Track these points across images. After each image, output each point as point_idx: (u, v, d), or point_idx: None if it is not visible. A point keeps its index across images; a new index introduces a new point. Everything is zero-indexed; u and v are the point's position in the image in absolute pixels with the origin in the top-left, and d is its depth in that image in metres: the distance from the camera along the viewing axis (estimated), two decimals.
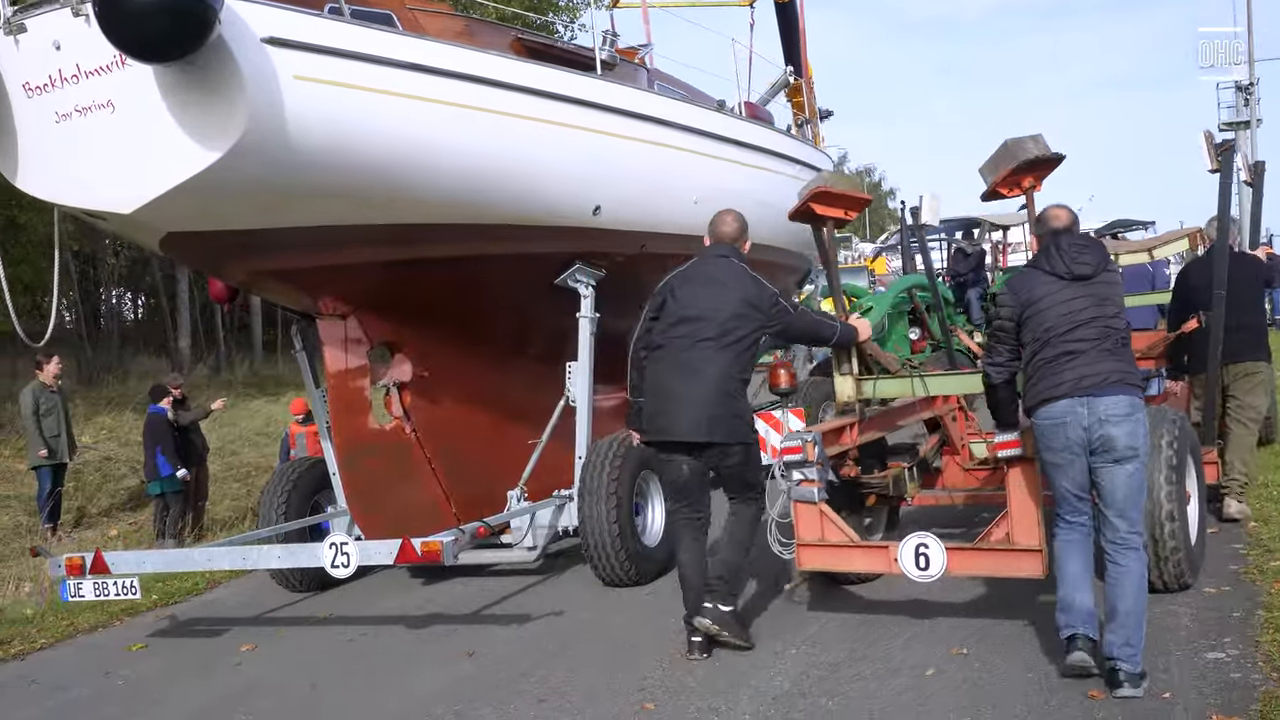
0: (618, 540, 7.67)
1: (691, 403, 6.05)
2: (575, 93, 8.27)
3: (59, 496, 12.19)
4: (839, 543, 6.28)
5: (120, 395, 19.00)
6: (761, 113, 11.92)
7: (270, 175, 6.66)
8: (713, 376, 6.04)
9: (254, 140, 6.33)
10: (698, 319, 6.13)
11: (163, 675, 7.00)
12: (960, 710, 5.01)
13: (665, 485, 6.94)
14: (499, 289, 8.50)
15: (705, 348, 6.08)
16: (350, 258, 7.67)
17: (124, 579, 7.15)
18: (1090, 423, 5.02)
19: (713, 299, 6.16)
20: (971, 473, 8.03)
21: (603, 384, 9.57)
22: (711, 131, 9.90)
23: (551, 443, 8.63)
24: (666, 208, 9.27)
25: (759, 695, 5.45)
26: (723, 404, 6.06)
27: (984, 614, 6.42)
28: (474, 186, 7.63)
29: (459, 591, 8.29)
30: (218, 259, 7.94)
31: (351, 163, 6.91)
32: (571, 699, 5.71)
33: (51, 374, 12.24)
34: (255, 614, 8.29)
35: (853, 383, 6.91)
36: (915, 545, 5.83)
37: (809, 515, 6.27)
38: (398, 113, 7.03)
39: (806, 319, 6.64)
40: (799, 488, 6.19)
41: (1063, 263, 5.23)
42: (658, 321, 6.32)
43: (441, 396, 8.68)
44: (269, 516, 8.84)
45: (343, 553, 6.64)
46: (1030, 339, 5.28)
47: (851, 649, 6.02)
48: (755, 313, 6.17)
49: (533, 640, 6.84)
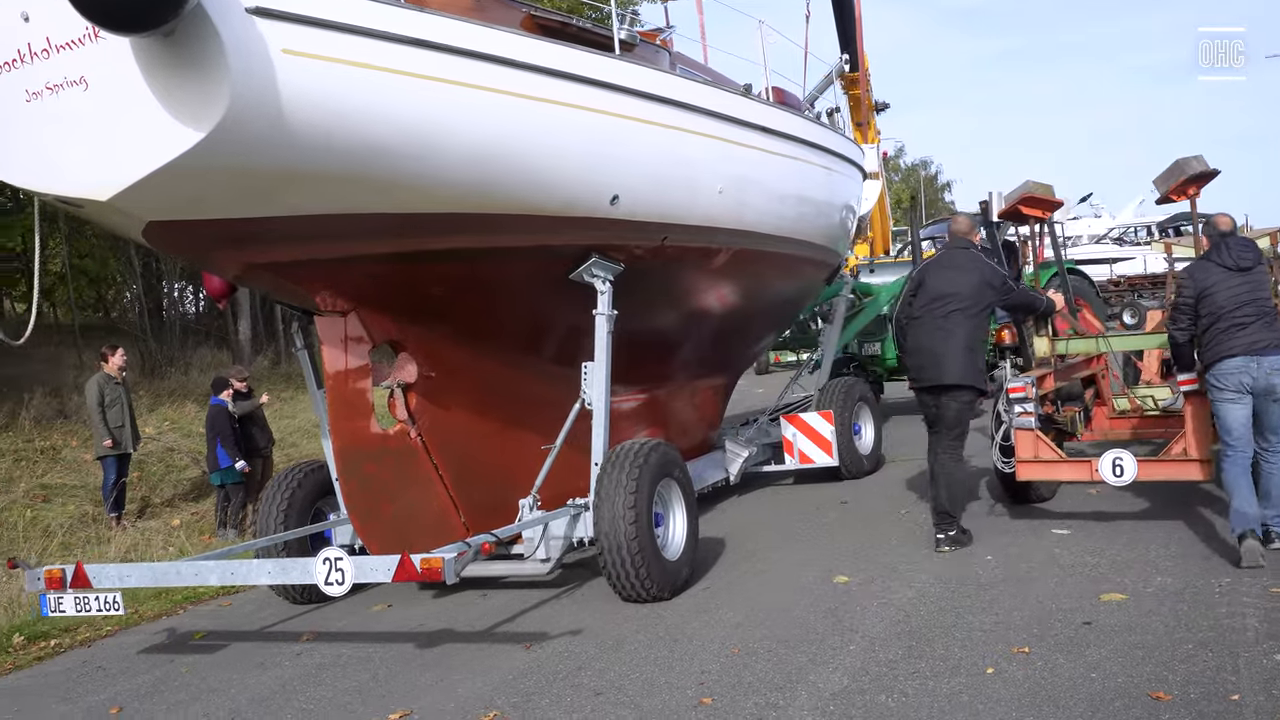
0: (636, 553, 7.23)
1: (944, 355, 8.08)
2: (591, 73, 7.61)
3: (124, 486, 12.38)
4: (1050, 459, 8.24)
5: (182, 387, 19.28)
6: (791, 99, 11.34)
7: (258, 159, 6.11)
8: (960, 337, 8.07)
9: (239, 120, 5.75)
10: (948, 295, 8.12)
11: (225, 662, 7.12)
12: (1021, 709, 4.96)
13: (926, 420, 8.59)
14: (510, 284, 7.99)
15: (955, 317, 8.08)
16: (349, 250, 7.15)
17: (106, 594, 6.76)
18: (1258, 375, 7.06)
19: (958, 280, 8.18)
20: (1113, 420, 9.93)
21: (622, 385, 9.16)
22: (737, 117, 9.23)
23: (567, 449, 8.10)
24: (689, 198, 8.74)
25: (817, 692, 5.43)
26: (967, 358, 8.10)
27: (1045, 613, 6.35)
28: (481, 173, 7.04)
29: (513, 584, 8.34)
30: (206, 251, 7.42)
31: (347, 146, 6.34)
32: (628, 692, 5.72)
33: (116, 365, 12.41)
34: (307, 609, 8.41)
35: (1048, 342, 9.28)
36: (1113, 458, 7.71)
37: (1026, 439, 8.25)
38: (398, 92, 6.43)
39: (1025, 294, 8.91)
40: (1019, 418, 8.18)
41: (1230, 257, 7.24)
42: (915, 298, 8.31)
43: (449, 399, 8.11)
44: (267, 525, 8.36)
45: (337, 569, 6.19)
46: (1205, 313, 7.29)
47: (909, 646, 5.98)
48: (989, 290, 8.21)
49: (590, 634, 6.86)
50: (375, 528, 7.59)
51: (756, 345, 12.98)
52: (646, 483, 7.42)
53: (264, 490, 8.92)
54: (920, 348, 8.26)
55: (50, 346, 20.01)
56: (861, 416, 11.97)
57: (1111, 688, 5.10)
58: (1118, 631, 5.87)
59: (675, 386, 10.73)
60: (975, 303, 8.14)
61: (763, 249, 10.03)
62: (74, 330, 22.22)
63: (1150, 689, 5.01)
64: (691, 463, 10.04)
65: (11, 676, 7.41)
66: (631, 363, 8.93)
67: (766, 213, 9.94)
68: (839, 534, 9.04)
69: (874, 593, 7.11)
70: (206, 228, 6.71)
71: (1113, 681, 5.17)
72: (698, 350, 10.60)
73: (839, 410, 11.35)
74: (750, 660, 6.01)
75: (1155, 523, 8.27)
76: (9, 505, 12.20)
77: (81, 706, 6.53)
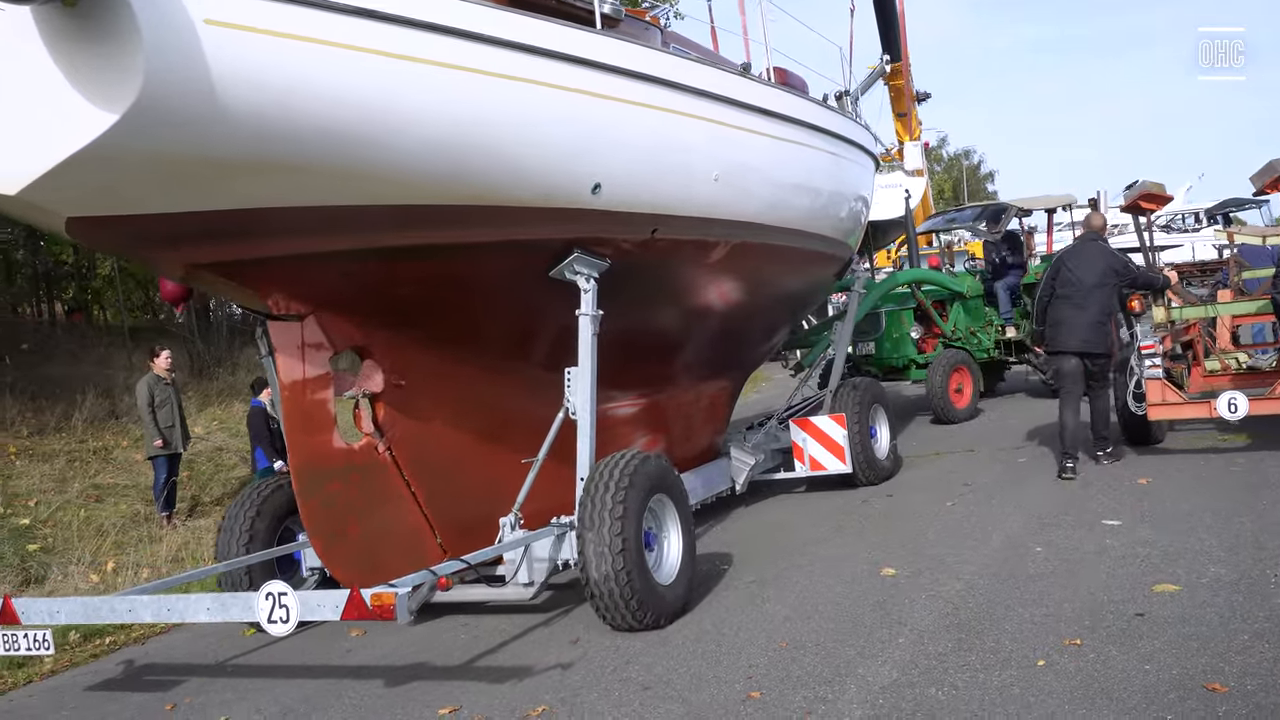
0: (624, 578, 6.55)
1: (1080, 326, 10.12)
2: (569, 49, 6.89)
3: (174, 486, 12.53)
4: (1175, 401, 10.37)
5: (230, 387, 19.45)
6: (795, 80, 10.62)
7: (184, 146, 5.42)
8: (1093, 312, 10.12)
9: (157, 101, 5.06)
10: (1083, 278, 10.11)
11: (274, 660, 7.19)
12: (1074, 702, 4.90)
13: (1058, 377, 10.58)
14: (485, 283, 7.27)
15: (1092, 294, 10.10)
16: (301, 247, 6.47)
17: (35, 631, 6.25)
18: None
19: (1090, 266, 10.16)
20: (1205, 378, 11.62)
21: (619, 390, 8.71)
22: (734, 98, 8.46)
23: (554, 461, 7.49)
24: (681, 186, 7.99)
25: (866, 685, 5.40)
26: (1099, 329, 10.22)
27: (1097, 604, 6.28)
28: (446, 161, 6.33)
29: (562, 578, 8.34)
30: (137, 250, 6.85)
31: (288, 131, 5.64)
32: (676, 686, 5.72)
33: (163, 366, 12.55)
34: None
35: (1164, 310, 11.37)
36: (1228, 398, 9.65)
37: (1156, 386, 10.38)
38: (346, 70, 5.71)
39: (1145, 274, 10.99)
40: (1149, 370, 10.36)
41: None
42: (1056, 280, 10.29)
43: (421, 409, 7.45)
44: (229, 547, 7.76)
45: (281, 605, 5.68)
46: None
47: (959, 639, 5.93)
48: (1114, 274, 10.24)
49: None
50: (340, 552, 7.05)
51: (764, 345, 12.29)
52: (635, 501, 6.77)
53: (228, 508, 8.25)
54: (1060, 320, 10.21)
55: (100, 348, 20.29)
56: (877, 419, 11.31)
57: (1166, 680, 5.03)
58: (1171, 623, 5.79)
59: (676, 390, 10.08)
60: (1104, 283, 10.12)
61: (765, 242, 9.33)
62: (123, 332, 22.51)
63: (1206, 681, 4.94)
64: (695, 471, 9.72)
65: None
66: (627, 366, 8.51)
67: (768, 202, 9.24)
68: (885, 527, 8.99)
69: (922, 585, 7.06)
70: (133, 224, 6.03)
71: (1167, 673, 5.10)
72: (698, 351, 10.01)
73: (853, 413, 10.68)
74: (798, 654, 5.98)
75: (1206, 514, 8.14)
76: (63, 505, 12.38)
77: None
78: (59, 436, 14.71)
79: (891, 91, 25.73)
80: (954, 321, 16.30)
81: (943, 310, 16.38)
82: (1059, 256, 10.67)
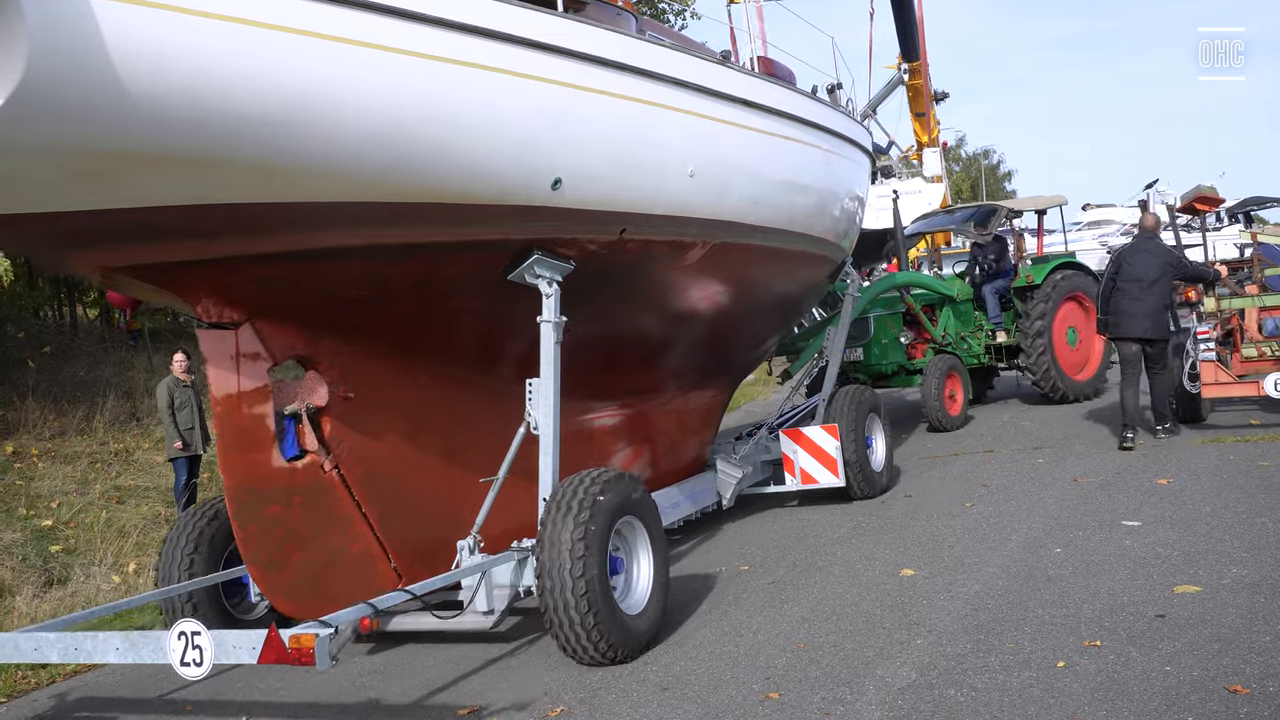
0: (585, 607, 6.06)
1: (1140, 315, 11.18)
2: (524, 32, 6.28)
3: (194, 488, 12.58)
4: (1226, 381, 11.43)
5: None
6: (781, 70, 10.01)
7: (80, 136, 4.87)
8: (1151, 302, 11.17)
9: (44, 85, 4.54)
10: (1141, 272, 11.16)
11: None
12: (1094, 703, 4.89)
13: (1120, 361, 11.53)
14: (437, 287, 6.76)
15: (1150, 288, 11.16)
16: (227, 249, 5.92)
17: None
18: None
19: (1148, 262, 11.20)
20: (1244, 363, 12.13)
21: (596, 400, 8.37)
22: (712, 88, 7.85)
23: (519, 479, 6.99)
24: (652, 182, 7.37)
25: (884, 686, 5.40)
26: (1158, 316, 11.26)
27: (1117, 605, 6.26)
28: (387, 154, 5.73)
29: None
30: (43, 252, 6.37)
31: (203, 118, 5.04)
32: (694, 687, 5.73)
33: (180, 369, 12.62)
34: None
35: (1214, 300, 12.42)
36: (1274, 378, 10.88)
37: (1209, 367, 11.45)
38: (270, 52, 5.13)
39: (1197, 267, 12.16)
40: (1204, 353, 11.50)
41: None
42: (1118, 275, 11.33)
43: (372, 424, 6.90)
44: (170, 572, 7.31)
45: (194, 645, 5.28)
46: None
47: (978, 640, 5.92)
48: (1170, 268, 11.29)
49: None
50: (281, 580, 6.56)
51: (754, 351, 11.67)
52: (600, 524, 6.26)
53: (170, 528, 7.79)
54: (1122, 310, 11.30)
55: (121, 351, 20.40)
56: (873, 428, 10.75)
57: (1187, 681, 5.01)
58: (1192, 624, 5.76)
59: (658, 400, 9.58)
60: (1161, 277, 11.20)
61: (748, 242, 8.68)
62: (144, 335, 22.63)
63: (1227, 682, 4.91)
64: (679, 485, 9.42)
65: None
66: (604, 375, 8.23)
67: (751, 200, 8.56)
68: (903, 528, 8.97)
69: (940, 586, 7.04)
70: (33, 223, 5.53)
71: (1188, 675, 5.08)
72: (681, 359, 9.49)
73: (850, 423, 10.14)
74: (816, 655, 5.98)
75: (1227, 515, 8.10)
76: (85, 507, 12.46)
77: None
78: (81, 439, 14.80)
79: (910, 91, 25.71)
80: (944, 326, 15.95)
81: (932, 315, 16.04)
82: (1119, 252, 11.82)
